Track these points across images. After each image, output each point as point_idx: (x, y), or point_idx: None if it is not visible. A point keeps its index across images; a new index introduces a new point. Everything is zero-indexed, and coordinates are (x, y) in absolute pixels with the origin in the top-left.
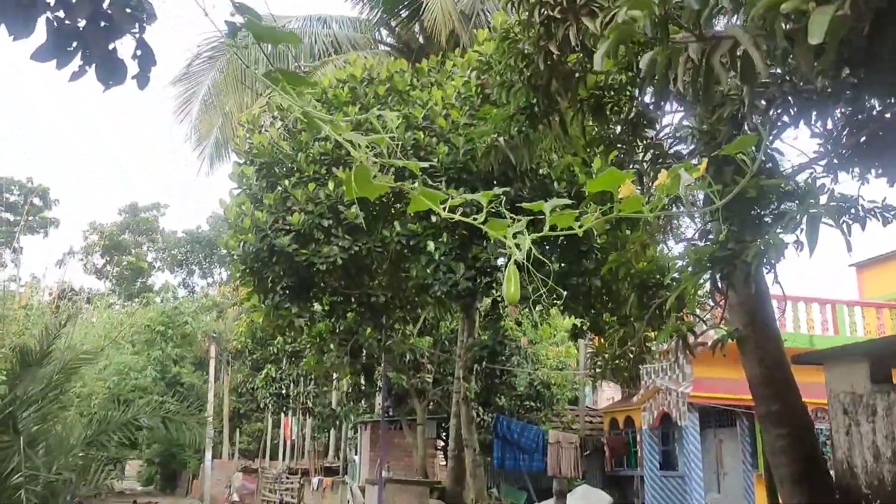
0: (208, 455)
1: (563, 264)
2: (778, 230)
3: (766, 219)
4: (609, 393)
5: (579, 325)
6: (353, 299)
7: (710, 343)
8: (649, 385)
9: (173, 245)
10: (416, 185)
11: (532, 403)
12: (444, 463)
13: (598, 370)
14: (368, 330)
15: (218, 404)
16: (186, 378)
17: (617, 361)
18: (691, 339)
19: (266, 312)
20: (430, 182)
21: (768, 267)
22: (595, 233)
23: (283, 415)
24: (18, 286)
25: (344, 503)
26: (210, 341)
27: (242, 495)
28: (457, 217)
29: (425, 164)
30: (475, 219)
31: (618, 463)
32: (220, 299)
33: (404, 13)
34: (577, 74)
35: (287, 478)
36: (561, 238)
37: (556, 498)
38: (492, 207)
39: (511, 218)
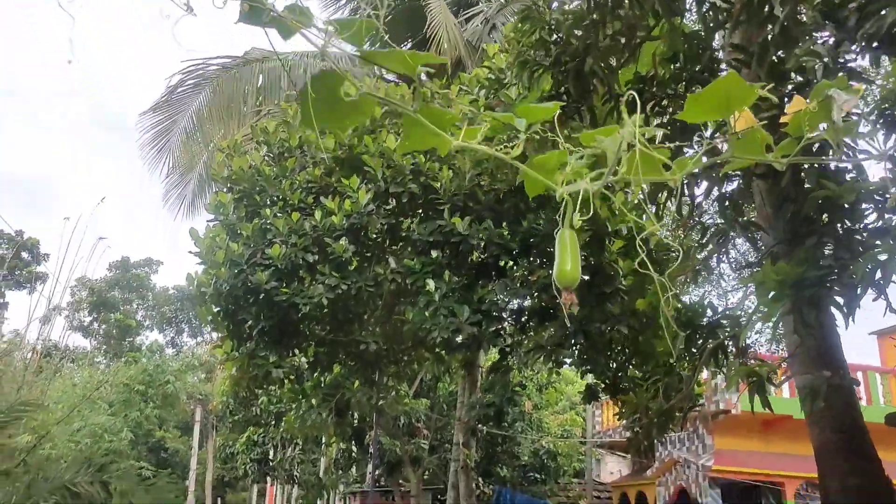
0: None
1: (582, 308)
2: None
3: (860, 234)
4: (612, 466)
5: (594, 384)
6: (339, 349)
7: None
8: (665, 457)
9: (163, 302)
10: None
11: (536, 475)
12: None
13: (636, 431)
14: (357, 384)
15: (201, 472)
16: (171, 443)
17: (658, 419)
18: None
19: (240, 362)
20: (431, 213)
21: (876, 291)
22: (621, 273)
23: (268, 484)
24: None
25: None
26: (196, 404)
27: None
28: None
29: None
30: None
31: None
32: (207, 358)
33: (409, 45)
34: (617, 54)
35: None
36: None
37: None
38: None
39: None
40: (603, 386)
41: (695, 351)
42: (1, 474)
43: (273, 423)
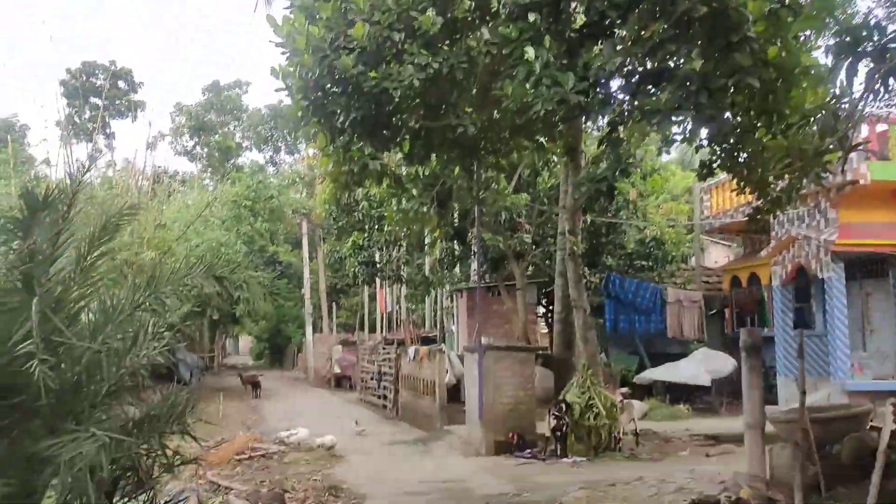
0: (309, 330)
1: (704, 62)
2: None
3: None
4: (715, 255)
5: (710, 159)
6: (435, 138)
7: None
8: (782, 235)
9: (258, 122)
10: None
11: (643, 263)
12: (546, 331)
13: (757, 208)
14: (457, 169)
15: (314, 280)
16: (283, 257)
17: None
18: None
19: (336, 156)
20: None
21: None
22: (749, 18)
23: (378, 287)
24: (114, 171)
25: (441, 372)
26: (301, 218)
27: (343, 367)
28: None
29: None
30: None
31: (739, 323)
32: (306, 172)
33: None
34: None
35: (384, 348)
36: (702, 23)
37: (747, 354)
38: None
39: None
40: (719, 161)
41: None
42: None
43: (376, 226)
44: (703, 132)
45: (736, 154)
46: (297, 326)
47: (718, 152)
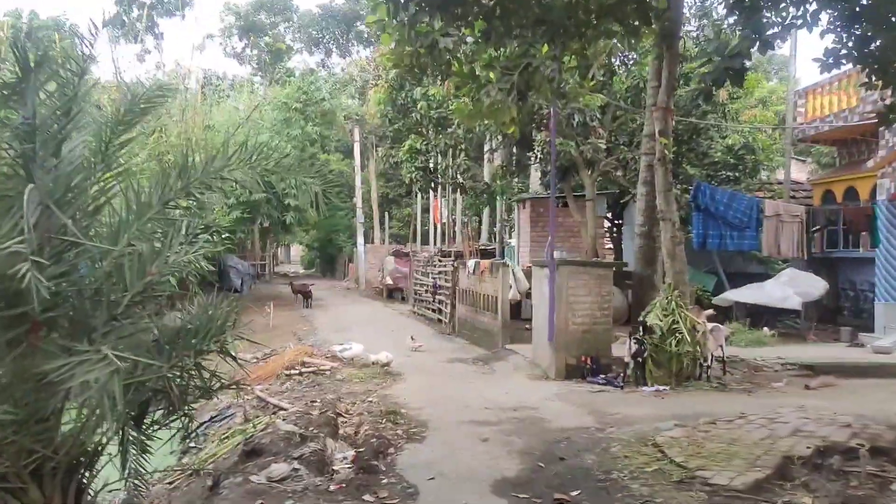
0: (360, 240)
1: None
2: None
3: None
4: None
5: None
6: (514, 18)
7: None
8: (894, 145)
9: (309, 24)
10: None
11: (728, 174)
12: (610, 247)
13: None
14: (545, 48)
15: (366, 190)
16: (335, 165)
17: None
18: None
19: (399, 32)
20: None
21: None
22: None
23: (431, 197)
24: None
25: (505, 287)
26: (353, 124)
27: (395, 278)
28: None
29: None
30: None
31: (830, 243)
32: (359, 74)
33: None
34: None
35: (439, 261)
36: None
37: None
38: None
39: None
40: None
41: None
42: None
43: (434, 129)
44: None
45: (868, 42)
46: (348, 236)
47: (845, 40)
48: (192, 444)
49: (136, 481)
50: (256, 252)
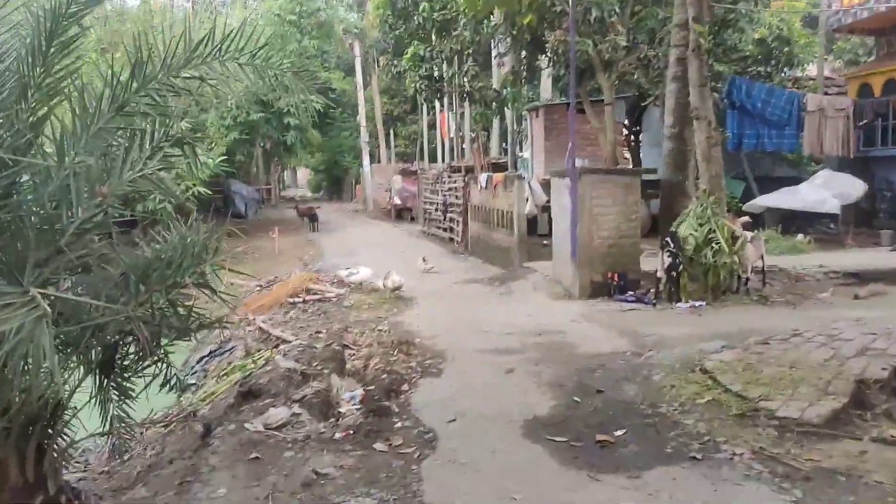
0: (366, 160)
1: None
2: None
3: None
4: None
5: None
6: None
7: None
8: None
9: None
10: None
11: (759, 69)
12: (627, 156)
13: None
14: None
15: (370, 109)
16: (336, 84)
17: None
18: None
19: None
20: None
21: None
22: None
23: (438, 111)
24: None
25: (520, 201)
26: (353, 39)
27: (404, 198)
28: None
29: None
30: None
31: (866, 141)
32: None
33: None
34: None
35: (449, 177)
36: None
37: None
38: None
39: None
40: None
41: None
42: None
43: (438, 34)
44: None
45: None
46: (354, 157)
47: None
48: (193, 382)
49: (121, 428)
50: (261, 177)
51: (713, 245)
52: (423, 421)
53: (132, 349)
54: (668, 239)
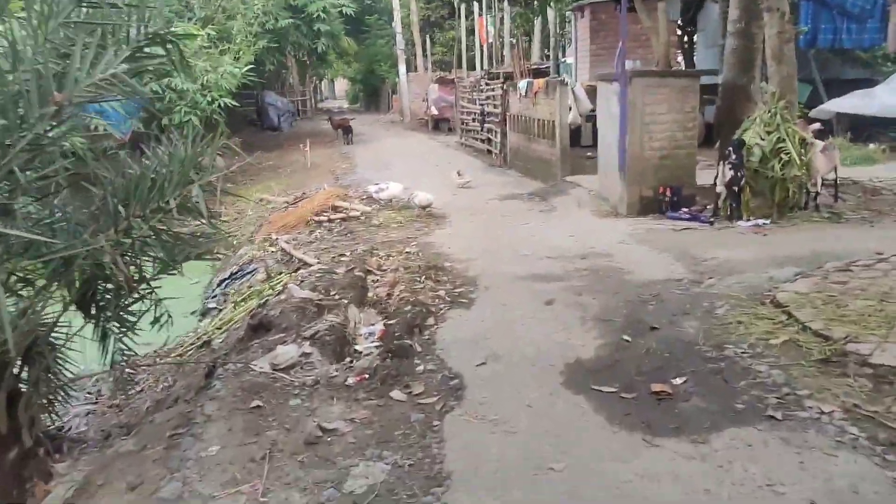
0: (402, 69)
1: None
2: None
3: None
4: None
5: None
6: None
7: None
8: None
9: None
10: None
11: None
12: (680, 59)
13: None
14: None
15: (406, 14)
16: None
17: None
18: None
19: None
20: None
21: None
22: None
23: (476, 15)
24: None
25: (563, 109)
26: None
27: (441, 108)
28: None
29: None
30: None
31: None
32: None
33: None
34: None
35: (487, 84)
36: None
37: None
38: None
39: None
40: None
41: None
42: None
43: None
44: None
45: None
46: (390, 66)
47: None
48: (213, 306)
49: (122, 363)
50: (296, 88)
51: (783, 155)
52: (449, 363)
53: (112, 284)
54: (731, 149)
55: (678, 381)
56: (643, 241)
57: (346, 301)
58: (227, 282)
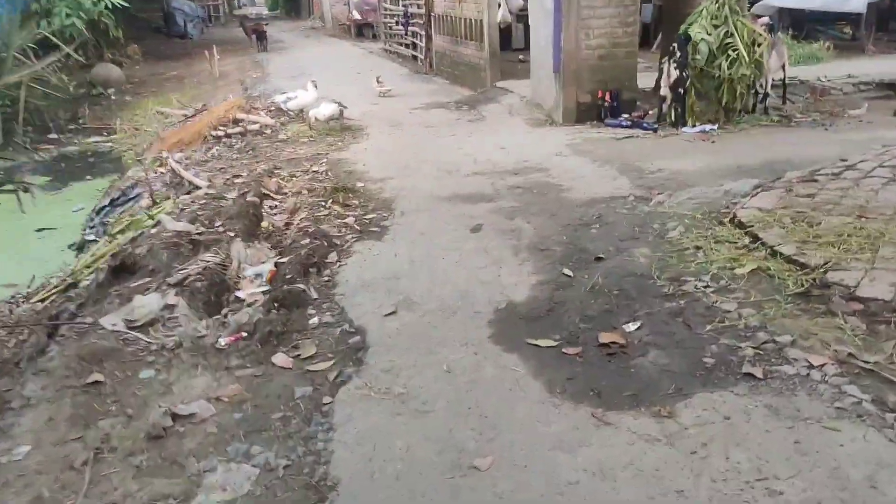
0: None
1: None
2: None
3: None
4: None
5: None
6: None
7: None
8: None
9: None
10: None
11: None
12: None
13: None
14: None
15: None
16: None
17: None
18: None
19: None
20: None
21: None
22: None
23: None
24: None
25: (491, 8)
26: None
27: (364, 12)
28: None
29: None
30: None
31: None
32: None
33: None
34: None
35: None
36: None
37: None
38: None
39: None
40: None
41: None
42: None
43: None
44: None
45: None
46: None
47: None
48: (93, 238)
49: None
50: None
51: (731, 52)
52: (351, 314)
53: None
54: (675, 45)
55: (631, 327)
56: (582, 152)
57: (231, 234)
58: (107, 210)
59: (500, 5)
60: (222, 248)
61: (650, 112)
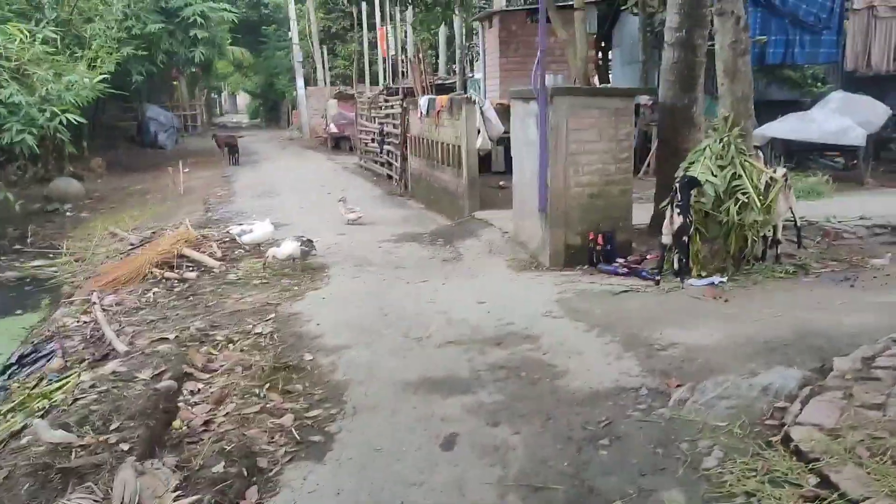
0: (300, 82)
1: None
2: None
3: None
4: None
5: None
6: None
7: None
8: None
9: None
10: None
11: None
12: (596, 79)
13: None
14: None
15: (304, 26)
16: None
17: None
18: None
19: None
20: None
21: None
22: None
23: (378, 27)
24: None
25: (471, 132)
26: None
27: (341, 125)
28: None
29: None
30: None
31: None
32: None
33: None
34: None
35: (385, 100)
36: None
37: None
38: None
39: None
40: None
41: None
42: None
43: None
44: None
45: None
46: (290, 80)
47: None
48: None
49: None
50: (184, 101)
51: (739, 195)
52: None
53: None
54: (677, 187)
55: None
56: (575, 311)
57: (126, 447)
58: (13, 368)
59: (479, 131)
60: (103, 479)
61: (647, 257)
